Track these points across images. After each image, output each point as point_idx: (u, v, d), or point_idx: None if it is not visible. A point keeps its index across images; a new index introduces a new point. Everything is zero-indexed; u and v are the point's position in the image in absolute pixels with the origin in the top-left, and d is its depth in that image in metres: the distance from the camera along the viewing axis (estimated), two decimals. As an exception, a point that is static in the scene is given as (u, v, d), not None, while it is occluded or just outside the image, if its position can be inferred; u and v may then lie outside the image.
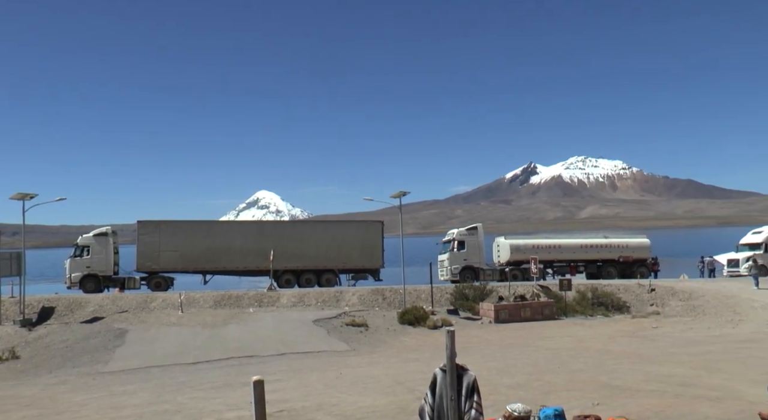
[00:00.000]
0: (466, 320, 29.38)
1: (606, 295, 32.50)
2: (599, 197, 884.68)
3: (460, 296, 31.84)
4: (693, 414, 11.19)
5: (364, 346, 24.14)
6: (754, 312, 28.56)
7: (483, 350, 21.54)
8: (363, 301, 32.02)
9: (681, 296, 32.60)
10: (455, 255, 40.75)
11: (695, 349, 20.23)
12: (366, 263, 40.11)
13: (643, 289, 34.17)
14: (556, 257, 42.56)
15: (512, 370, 16.51)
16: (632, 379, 14.62)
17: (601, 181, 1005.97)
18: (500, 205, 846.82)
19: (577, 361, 18.00)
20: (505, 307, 29.63)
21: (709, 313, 29.71)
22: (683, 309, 30.95)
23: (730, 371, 15.55)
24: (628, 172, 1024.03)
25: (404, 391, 14.33)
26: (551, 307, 30.46)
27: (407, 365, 18.79)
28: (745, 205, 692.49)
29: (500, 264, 42.31)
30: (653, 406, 11.89)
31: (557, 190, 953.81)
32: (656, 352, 19.85)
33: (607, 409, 11.47)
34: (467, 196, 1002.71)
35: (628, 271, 42.44)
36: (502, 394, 12.95)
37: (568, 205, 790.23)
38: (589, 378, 15.01)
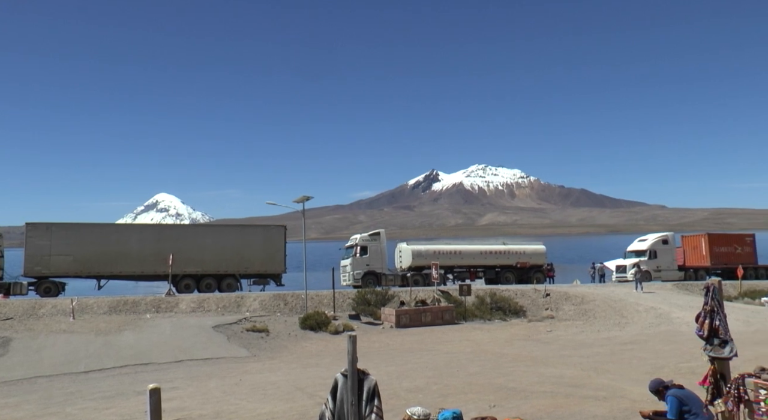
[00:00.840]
0: (367, 325, 29.53)
1: (504, 299, 33.44)
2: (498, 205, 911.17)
3: (362, 301, 31.95)
4: (582, 413, 11.69)
5: (265, 352, 23.82)
6: (638, 315, 30.18)
7: (384, 355, 21.71)
8: (264, 307, 31.63)
9: (574, 301, 33.99)
10: (358, 260, 40.93)
11: (585, 351, 21.14)
12: (268, 268, 39.62)
13: (538, 294, 35.39)
14: (457, 263, 43.47)
15: (412, 374, 16.72)
16: (527, 381, 15.12)
17: (501, 189, 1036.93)
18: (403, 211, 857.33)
19: (474, 365, 18.43)
20: (406, 312, 29.98)
21: (599, 316, 31.13)
22: (575, 313, 32.27)
23: (616, 371, 16.36)
24: (526, 181, 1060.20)
25: (304, 397, 14.25)
26: (451, 312, 31.06)
27: (308, 371, 18.69)
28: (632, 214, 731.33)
29: (402, 269, 42.80)
30: (546, 406, 12.34)
31: (458, 197, 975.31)
32: (550, 354, 20.59)
33: (503, 410, 11.82)
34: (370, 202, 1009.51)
35: (525, 276, 43.90)
36: (401, 398, 13.10)
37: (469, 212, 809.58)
38: (486, 380, 15.40)
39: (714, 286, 8.58)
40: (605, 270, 49.66)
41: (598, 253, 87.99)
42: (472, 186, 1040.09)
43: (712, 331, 8.38)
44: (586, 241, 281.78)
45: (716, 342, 8.34)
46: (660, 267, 46.96)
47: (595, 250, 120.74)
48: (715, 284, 8.65)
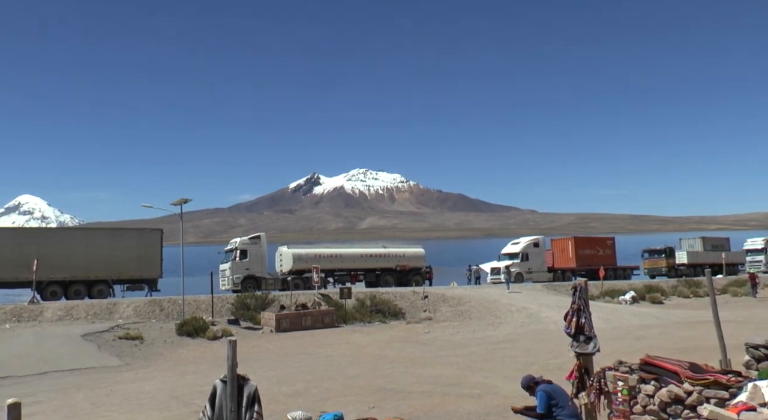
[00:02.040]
0: (247, 330, 29.04)
1: (383, 302, 33.89)
2: (379, 209, 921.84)
3: (241, 306, 31.41)
4: (457, 411, 12.05)
5: (139, 361, 22.90)
6: (511, 315, 31.48)
7: (264, 360, 21.43)
8: (139, 313, 30.40)
9: (451, 302, 34.96)
10: (237, 264, 40.21)
11: (462, 350, 21.78)
12: (143, 273, 38.03)
13: (417, 296, 36.12)
14: (338, 266, 43.61)
15: (292, 379, 16.61)
16: (405, 382, 15.39)
17: (381, 193, 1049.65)
18: (284, 214, 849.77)
19: (354, 367, 18.55)
20: (286, 316, 29.75)
21: (475, 317, 32.18)
22: (452, 314, 33.19)
23: (491, 370, 16.98)
24: (405, 185, 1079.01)
25: (180, 405, 13.82)
26: (332, 315, 31.12)
27: (184, 378, 18.14)
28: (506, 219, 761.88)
29: (283, 273, 42.45)
30: (423, 405, 12.62)
31: (339, 201, 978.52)
32: (427, 355, 21.06)
33: (382, 411, 11.97)
34: (251, 205, 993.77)
35: (404, 279, 44.69)
36: (282, 403, 12.98)
37: (350, 216, 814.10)
38: (366, 382, 15.55)
39: (581, 286, 9.11)
40: (480, 272, 51.40)
41: (474, 255, 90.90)
42: (353, 190, 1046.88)
43: (578, 329, 8.89)
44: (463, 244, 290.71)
45: (582, 339, 8.85)
46: (531, 269, 49.22)
47: (472, 252, 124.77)
48: (582, 284, 9.18)
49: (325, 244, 58.81)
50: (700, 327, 23.61)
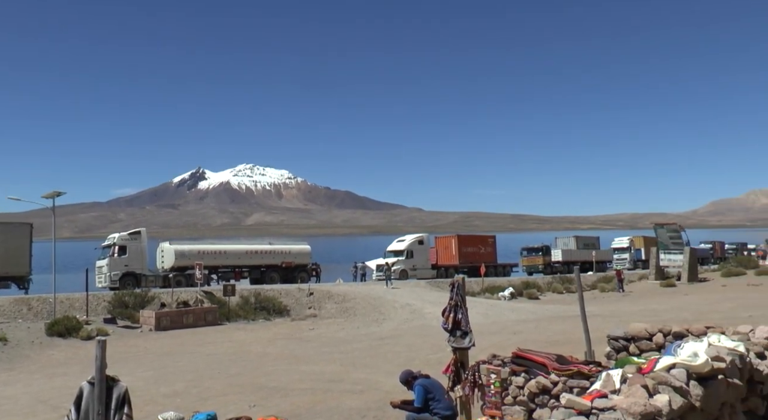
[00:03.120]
0: (124, 329, 27.92)
1: (268, 299, 33.55)
2: (266, 205, 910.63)
3: (119, 304, 30.19)
4: (339, 407, 12.14)
5: (2, 363, 21.51)
6: (395, 311, 31.99)
7: (141, 359, 20.70)
8: (3, 313, 28.57)
9: (336, 299, 35.08)
10: (115, 261, 38.60)
11: (345, 347, 21.93)
12: (9, 270, 35.72)
13: (303, 293, 36.01)
14: (222, 263, 42.79)
15: (171, 378, 16.16)
16: (288, 379, 15.33)
17: (268, 189, 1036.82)
18: (167, 209, 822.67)
19: (237, 365, 18.28)
20: (167, 314, 28.86)
21: (359, 313, 32.46)
22: (338, 311, 33.32)
23: (373, 365, 17.20)
24: (293, 181, 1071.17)
25: (47, 410, 13.13)
26: (215, 313, 30.48)
27: (53, 381, 17.23)
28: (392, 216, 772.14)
29: (164, 270, 41.16)
30: (305, 402, 12.63)
31: (225, 196, 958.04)
32: (311, 352, 21.07)
33: (263, 409, 11.87)
34: (131, 200, 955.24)
35: (290, 276, 44.42)
36: (158, 404, 12.61)
37: (236, 212, 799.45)
38: (248, 381, 15.37)
39: (458, 283, 9.41)
40: (366, 269, 51.88)
41: (361, 252, 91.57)
42: (240, 185, 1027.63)
43: (455, 324, 9.19)
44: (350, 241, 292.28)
45: (458, 334, 9.16)
46: (416, 266, 50.19)
47: (359, 250, 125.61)
48: (460, 281, 9.49)
49: (209, 240, 57.52)
50: (570, 321, 24.87)
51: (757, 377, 6.40)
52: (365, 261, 54.03)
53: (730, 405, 5.90)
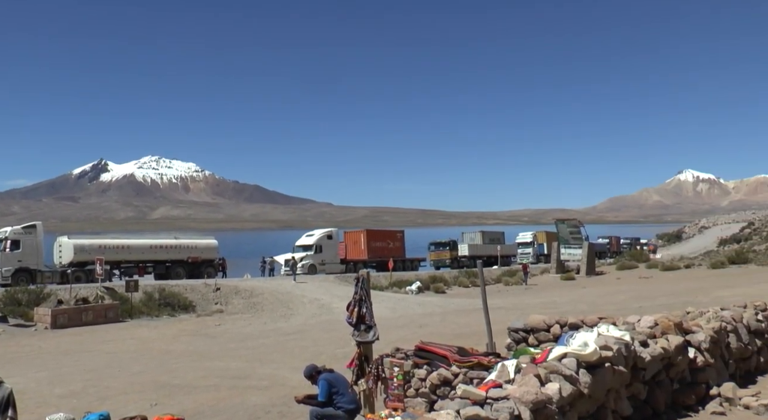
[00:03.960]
0: (17, 328, 26.56)
1: (173, 295, 32.75)
2: (172, 198, 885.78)
3: (11, 301, 28.70)
4: (244, 403, 12.02)
5: None
6: (303, 306, 31.88)
7: (34, 359, 19.76)
8: None
9: (243, 294, 34.62)
10: (7, 256, 36.64)
11: (252, 343, 21.69)
12: None
13: (209, 288, 35.34)
14: (125, 258, 41.42)
15: (67, 379, 15.51)
16: (192, 377, 15.03)
17: (175, 182, 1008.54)
18: (66, 202, 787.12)
19: (138, 363, 17.76)
20: (64, 312, 27.67)
21: (267, 309, 32.16)
22: (245, 306, 32.89)
23: (280, 361, 17.10)
24: (201, 174, 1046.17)
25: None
26: (116, 310, 29.47)
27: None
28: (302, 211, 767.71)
29: (62, 265, 39.44)
30: (209, 399, 12.42)
31: (129, 189, 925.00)
32: (216, 348, 20.72)
33: (165, 407, 11.61)
34: (26, 192, 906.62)
35: (196, 271, 43.47)
36: (51, 405, 12.09)
37: (141, 205, 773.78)
38: (150, 379, 14.96)
39: (363, 277, 9.50)
40: (275, 264, 51.42)
41: (270, 247, 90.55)
42: (145, 178, 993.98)
43: (360, 318, 9.27)
44: (260, 235, 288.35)
45: (363, 328, 9.25)
46: (325, 260, 50.14)
47: (268, 244, 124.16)
48: (364, 275, 9.58)
49: (113, 234, 55.57)
50: (475, 314, 25.47)
51: (640, 364, 6.79)
52: (274, 256, 53.54)
53: (615, 391, 6.25)
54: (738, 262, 45.81)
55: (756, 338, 9.41)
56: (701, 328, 8.32)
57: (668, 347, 7.32)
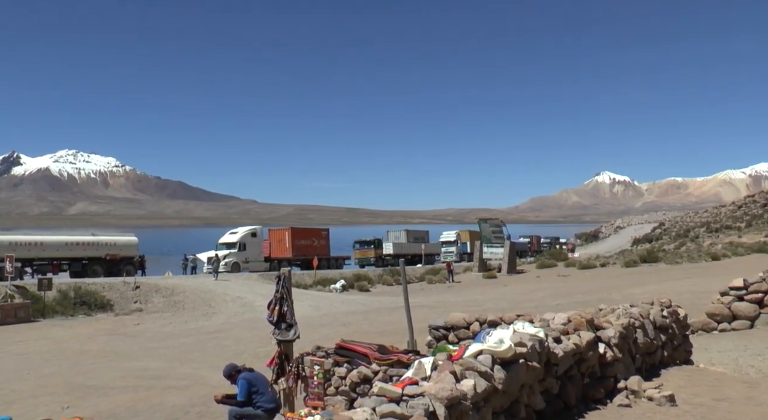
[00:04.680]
0: None
1: (90, 293, 31.66)
2: (91, 194, 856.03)
3: None
4: (162, 404, 11.78)
5: None
6: (226, 305, 31.42)
7: (-63, 362, 18.79)
8: None
9: (164, 293, 33.82)
10: None
11: (172, 342, 21.26)
12: None
13: (128, 286, 34.37)
14: (38, 255, 39.77)
15: (-28, 382, 14.83)
16: (108, 377, 14.62)
17: (93, 177, 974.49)
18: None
19: (51, 365, 17.12)
20: (-30, 312, 26.37)
21: (188, 307, 31.53)
22: (165, 305, 32.14)
23: (200, 360, 16.83)
24: (121, 169, 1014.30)
25: None
26: (27, 309, 28.26)
27: None
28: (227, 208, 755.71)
29: (-31, 263, 37.51)
30: (126, 401, 12.12)
31: (44, 183, 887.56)
32: (135, 347, 20.20)
33: (79, 410, 11.27)
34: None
35: (115, 269, 42.19)
36: (-45, 410, 11.54)
37: (57, 201, 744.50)
38: (62, 381, 14.47)
39: (284, 275, 9.46)
40: (198, 262, 50.44)
41: (193, 245, 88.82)
42: (61, 172, 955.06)
43: (281, 317, 9.22)
44: (182, 233, 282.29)
45: (283, 326, 9.21)
46: (248, 258, 49.52)
47: (191, 242, 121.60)
48: (286, 273, 9.54)
49: (25, 230, 53.28)
50: (398, 312, 25.71)
51: (553, 360, 7.02)
52: (197, 253, 52.50)
53: (529, 386, 6.44)
54: (649, 260, 47.78)
55: (661, 333, 9.86)
56: (611, 324, 8.65)
57: (580, 343, 7.58)
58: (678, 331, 10.69)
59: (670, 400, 7.43)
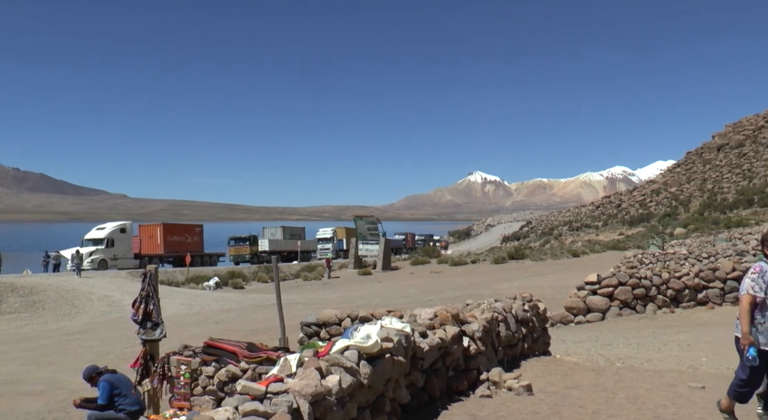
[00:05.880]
0: None
1: (-66, 294, 29.24)
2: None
3: None
4: (15, 411, 11.08)
5: None
6: (91, 304, 29.95)
7: None
8: None
9: (21, 292, 31.73)
10: None
11: (29, 344, 20.01)
12: None
13: (-22, 286, 32.02)
14: None
15: None
16: (-47, 384, 13.56)
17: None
18: None
19: None
20: None
21: (49, 307, 29.78)
22: (23, 305, 30.18)
23: (60, 363, 15.93)
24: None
25: None
26: None
27: None
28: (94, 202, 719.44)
29: None
30: (-30, 410, 11.30)
31: None
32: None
33: None
34: None
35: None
36: None
37: None
38: None
39: (150, 273, 9.14)
40: (61, 259, 47.71)
41: (56, 241, 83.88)
42: None
43: (146, 315, 8.91)
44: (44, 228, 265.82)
45: (149, 325, 8.90)
46: (117, 255, 47.48)
47: (54, 238, 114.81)
48: (152, 271, 9.22)
49: None
50: (273, 309, 25.32)
51: (419, 354, 7.22)
52: (60, 250, 49.60)
53: (395, 380, 6.59)
54: (516, 257, 50.03)
55: (522, 326, 10.38)
56: (476, 318, 9.00)
57: (445, 337, 7.85)
58: (538, 324, 11.29)
59: (527, 390, 7.85)
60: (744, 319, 5.86)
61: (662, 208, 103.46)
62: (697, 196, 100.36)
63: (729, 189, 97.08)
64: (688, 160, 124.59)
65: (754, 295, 5.83)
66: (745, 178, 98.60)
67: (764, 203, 78.09)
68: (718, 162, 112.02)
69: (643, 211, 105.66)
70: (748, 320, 5.86)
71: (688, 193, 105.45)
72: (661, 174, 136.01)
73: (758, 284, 5.83)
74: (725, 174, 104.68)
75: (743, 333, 5.86)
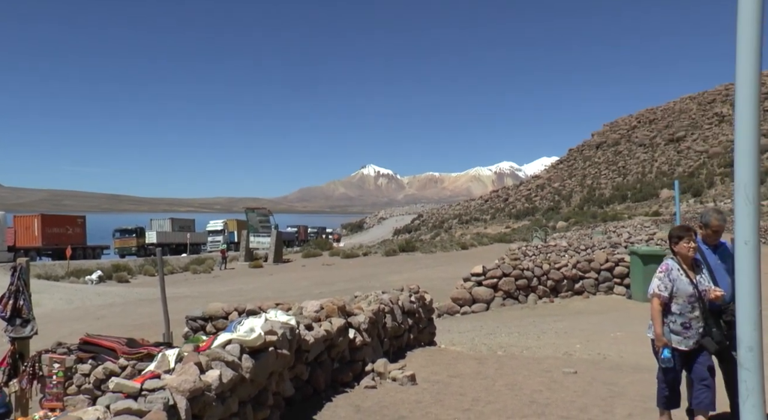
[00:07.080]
0: None
1: None
2: None
3: None
4: None
5: None
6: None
7: None
8: None
9: None
10: None
11: None
12: None
13: None
14: None
15: None
16: None
17: None
18: None
19: None
20: None
21: None
22: None
23: None
24: None
25: None
26: None
27: None
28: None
29: None
30: None
31: None
32: None
33: None
34: None
35: None
36: None
37: None
38: None
39: (21, 267, 8.64)
40: None
41: None
42: None
43: (15, 312, 8.42)
44: None
45: (18, 322, 8.41)
46: (-12, 248, 44.62)
47: None
48: (23, 264, 8.73)
49: None
50: (158, 304, 24.61)
51: (304, 347, 7.21)
52: None
53: (278, 373, 6.55)
54: (407, 249, 50.81)
55: (408, 318, 10.57)
56: (362, 310, 9.08)
57: (331, 329, 7.87)
58: (424, 315, 11.52)
59: (411, 380, 8.00)
60: (656, 320, 5.82)
61: (546, 202, 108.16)
62: (578, 192, 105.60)
63: (606, 185, 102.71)
64: (570, 157, 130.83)
65: (659, 295, 5.80)
66: (620, 175, 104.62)
67: (636, 198, 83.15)
68: (597, 159, 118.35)
69: (528, 205, 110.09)
70: (660, 321, 5.82)
71: (569, 188, 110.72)
72: (545, 170, 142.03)
73: (663, 283, 5.80)
74: (603, 171, 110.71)
75: (656, 335, 5.83)
